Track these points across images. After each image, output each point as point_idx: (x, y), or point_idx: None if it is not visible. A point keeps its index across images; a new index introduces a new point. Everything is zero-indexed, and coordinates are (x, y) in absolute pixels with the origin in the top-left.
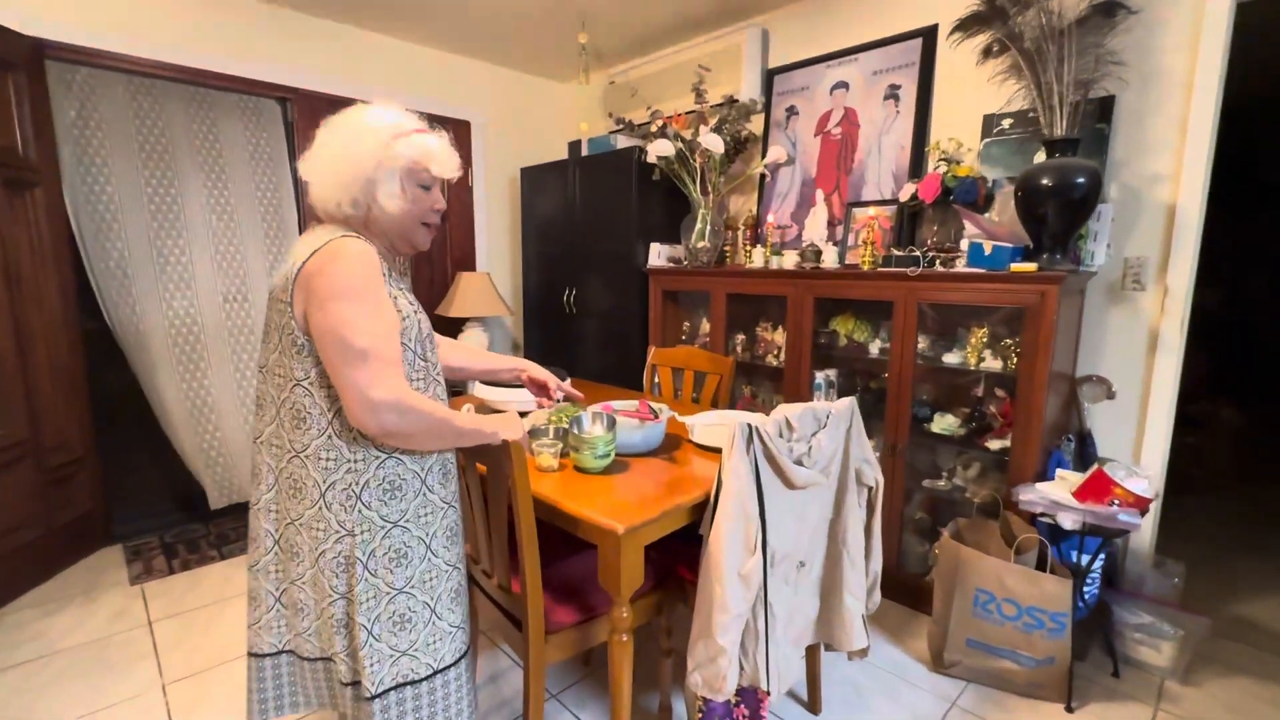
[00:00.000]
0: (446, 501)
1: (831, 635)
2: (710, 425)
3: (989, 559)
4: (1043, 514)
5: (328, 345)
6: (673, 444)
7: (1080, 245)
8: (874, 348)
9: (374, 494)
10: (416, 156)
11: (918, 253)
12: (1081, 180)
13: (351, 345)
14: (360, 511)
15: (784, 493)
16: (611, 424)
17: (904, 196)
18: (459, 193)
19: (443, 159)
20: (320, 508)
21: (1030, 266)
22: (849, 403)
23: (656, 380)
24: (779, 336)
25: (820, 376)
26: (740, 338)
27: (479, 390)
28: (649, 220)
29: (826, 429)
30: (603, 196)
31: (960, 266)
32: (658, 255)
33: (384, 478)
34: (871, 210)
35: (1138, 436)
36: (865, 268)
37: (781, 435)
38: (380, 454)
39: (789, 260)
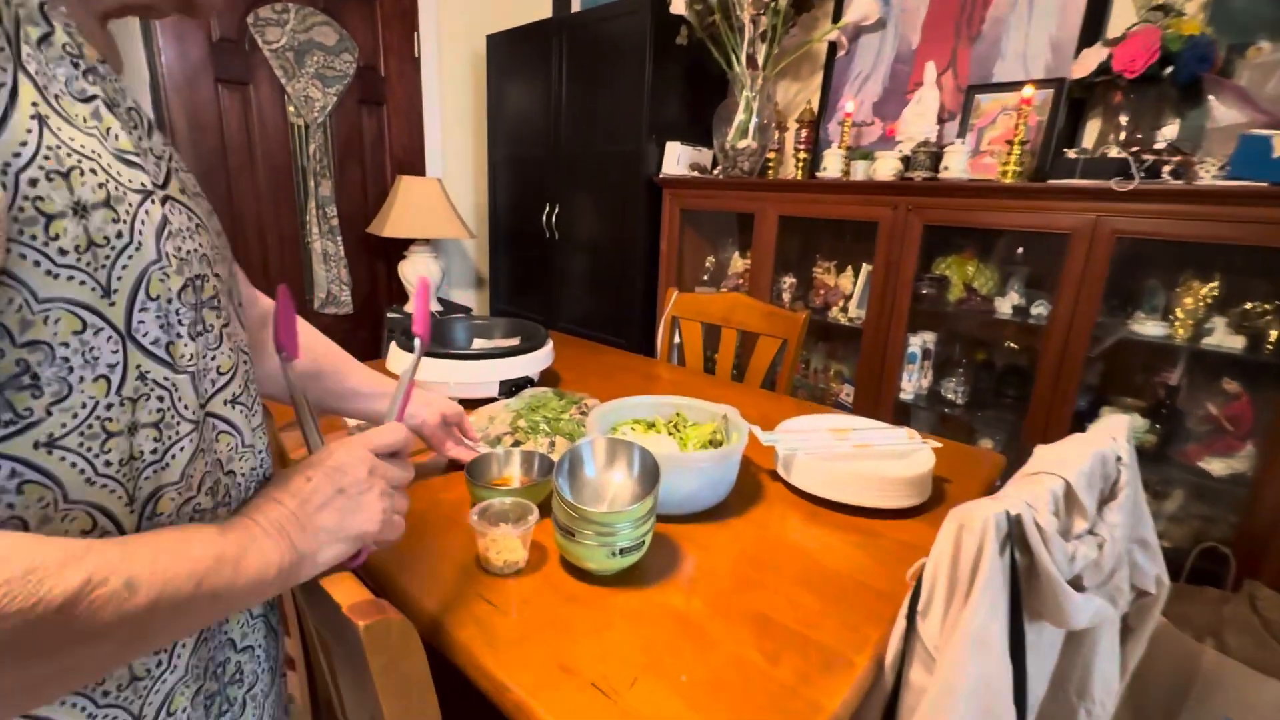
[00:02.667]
0: None
1: None
2: (825, 452)
3: (1252, 674)
4: None
5: None
6: (748, 486)
7: None
8: (1004, 304)
9: None
10: None
11: (1126, 155)
12: None
13: None
14: None
15: (1041, 642)
16: (649, 470)
17: (1079, 72)
18: (400, 68)
19: None
20: None
21: None
22: (1125, 428)
23: (678, 340)
24: (843, 281)
25: (916, 343)
26: (788, 281)
27: (393, 359)
28: (665, 110)
29: (1120, 499)
30: (601, 74)
31: (1208, 178)
32: (676, 160)
33: None
34: (1010, 96)
35: None
36: (1008, 180)
37: (1057, 518)
38: None
39: (884, 168)
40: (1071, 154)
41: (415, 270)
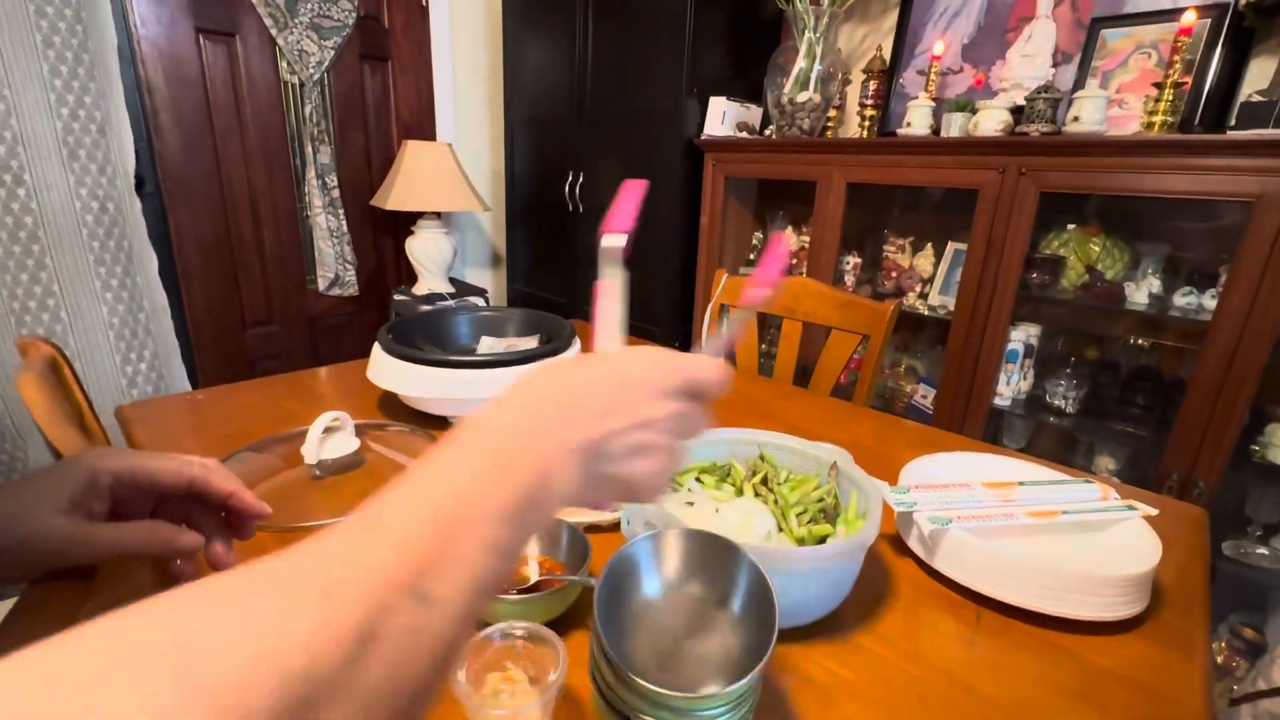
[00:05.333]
0: None
1: None
2: (989, 525)
3: None
4: None
5: None
6: (866, 570)
7: None
8: (1137, 291)
9: None
10: None
11: None
12: None
13: None
14: None
15: None
16: (756, 594)
17: None
18: (407, 19)
19: None
20: None
21: None
22: None
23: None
24: (921, 261)
25: (1018, 338)
26: (852, 261)
27: (375, 364)
28: (708, 60)
29: None
30: (634, 19)
31: None
32: (721, 119)
33: None
34: (1149, 30)
35: None
36: (1154, 134)
37: None
38: None
39: (988, 122)
40: (1257, 97)
41: (424, 248)
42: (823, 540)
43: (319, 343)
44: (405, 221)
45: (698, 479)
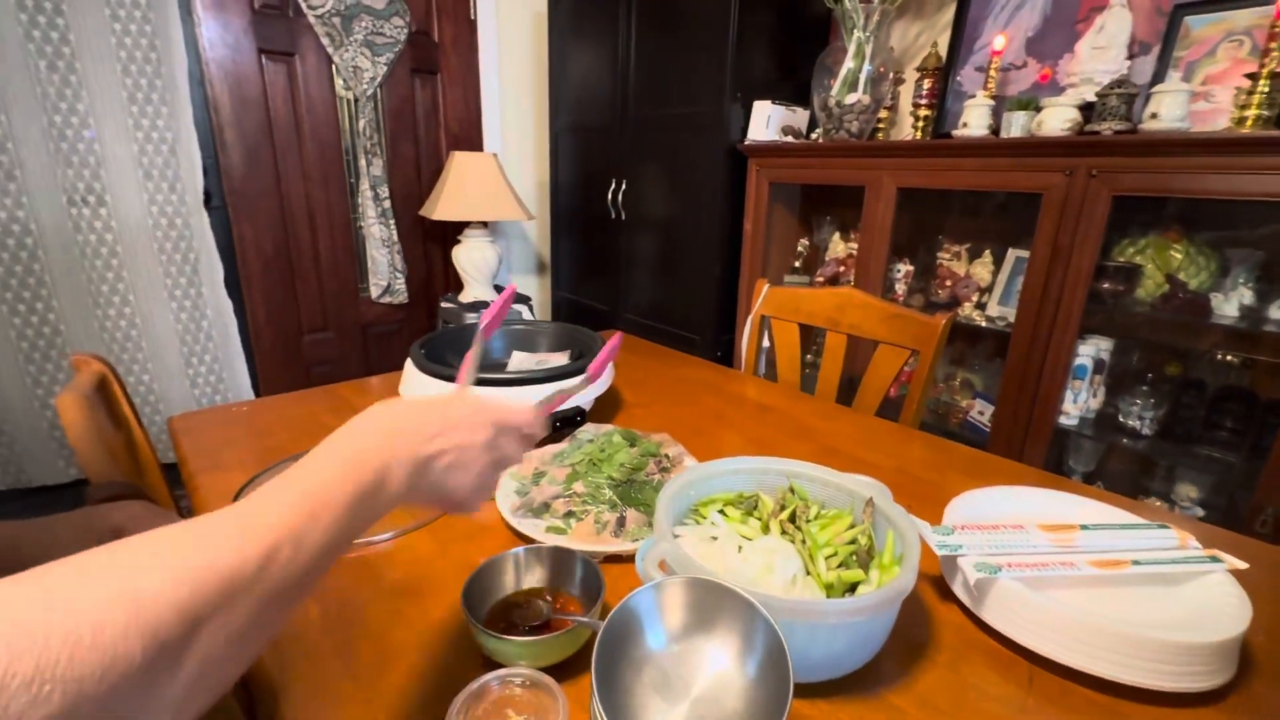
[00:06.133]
0: None
1: None
2: (1046, 575)
3: None
4: None
5: None
6: (904, 617)
7: None
8: (1226, 304)
9: None
10: None
11: None
12: None
13: None
14: None
15: None
16: (769, 651)
17: None
18: (456, 32)
19: None
20: None
21: None
22: None
23: (767, 343)
24: (978, 269)
25: (1086, 352)
26: (903, 269)
27: (407, 378)
28: (752, 62)
29: None
30: (677, 23)
31: None
32: (765, 123)
33: None
34: (1242, 15)
35: None
36: (1246, 130)
37: None
38: None
39: (1054, 120)
40: None
41: (470, 257)
42: (853, 588)
43: (371, 349)
44: (453, 230)
45: (722, 511)
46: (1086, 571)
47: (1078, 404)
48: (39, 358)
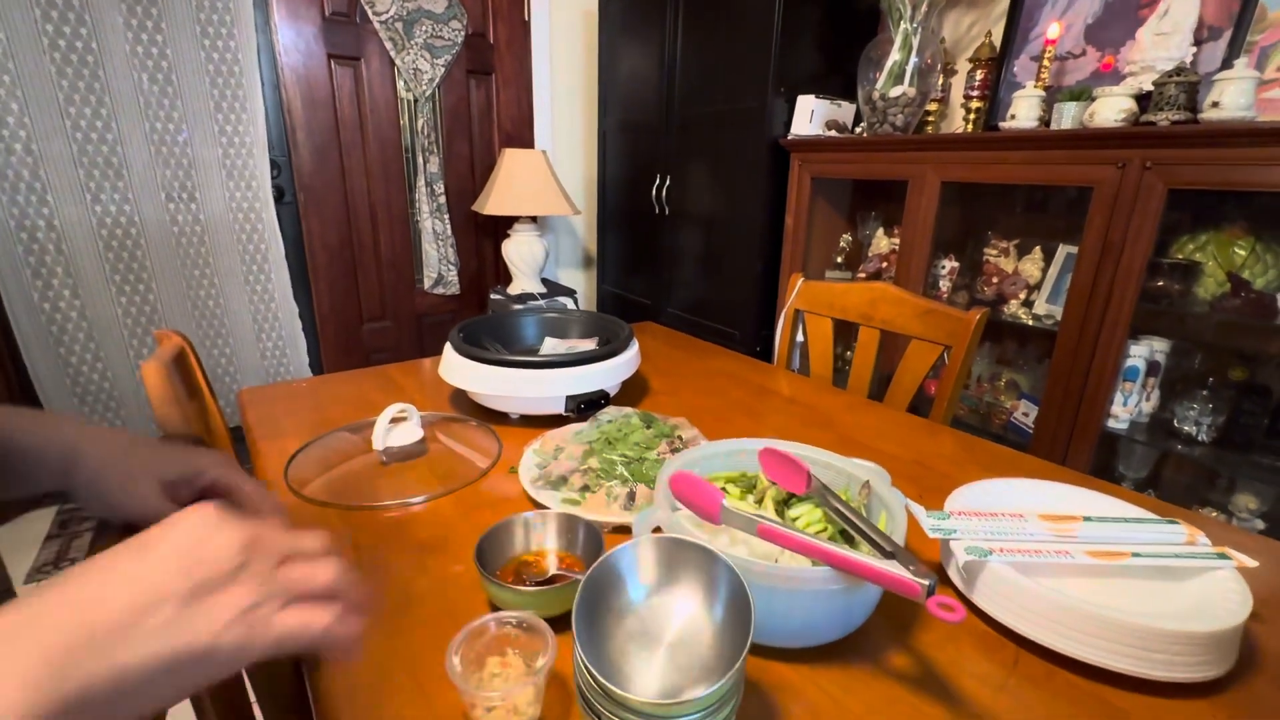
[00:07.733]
0: None
1: None
2: (1038, 561)
3: None
4: None
5: None
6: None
7: None
8: None
9: None
10: None
11: None
12: None
13: None
14: None
15: None
16: (735, 599)
17: None
18: (510, 34)
19: None
20: None
21: None
22: None
23: (801, 338)
24: (1027, 266)
25: (1139, 353)
26: (948, 265)
27: (446, 363)
28: (797, 57)
29: None
30: (722, 19)
31: None
32: (809, 117)
33: None
34: None
35: None
36: None
37: None
38: None
39: (1107, 110)
40: None
41: (519, 251)
42: None
43: (425, 338)
44: (504, 225)
45: (723, 488)
46: (1081, 560)
47: (1128, 407)
48: (140, 333)
